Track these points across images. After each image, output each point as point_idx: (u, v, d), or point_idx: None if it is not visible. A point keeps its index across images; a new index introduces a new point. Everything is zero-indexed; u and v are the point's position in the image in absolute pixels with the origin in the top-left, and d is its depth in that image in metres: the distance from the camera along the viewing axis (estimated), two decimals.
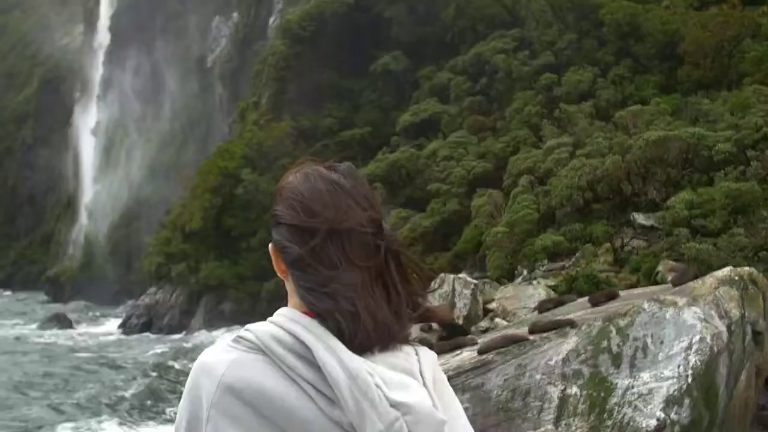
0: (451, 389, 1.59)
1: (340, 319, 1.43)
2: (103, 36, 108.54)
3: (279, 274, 1.60)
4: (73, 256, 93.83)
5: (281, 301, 1.57)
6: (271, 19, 66.23)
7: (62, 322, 50.34)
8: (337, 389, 1.36)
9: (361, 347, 1.43)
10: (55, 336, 44.51)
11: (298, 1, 55.71)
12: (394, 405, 1.37)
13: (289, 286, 1.56)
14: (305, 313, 1.47)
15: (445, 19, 43.19)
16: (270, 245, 1.62)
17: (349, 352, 1.40)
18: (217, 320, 38.07)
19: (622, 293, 12.72)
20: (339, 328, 1.42)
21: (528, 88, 34.48)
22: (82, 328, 49.58)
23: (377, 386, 1.37)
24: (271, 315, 1.51)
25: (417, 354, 1.53)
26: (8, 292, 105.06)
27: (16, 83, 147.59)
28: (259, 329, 1.46)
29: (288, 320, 1.46)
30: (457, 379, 10.41)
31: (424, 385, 1.47)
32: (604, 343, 9.51)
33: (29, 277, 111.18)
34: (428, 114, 37.46)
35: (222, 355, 1.46)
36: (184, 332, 39.36)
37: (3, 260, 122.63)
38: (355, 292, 1.44)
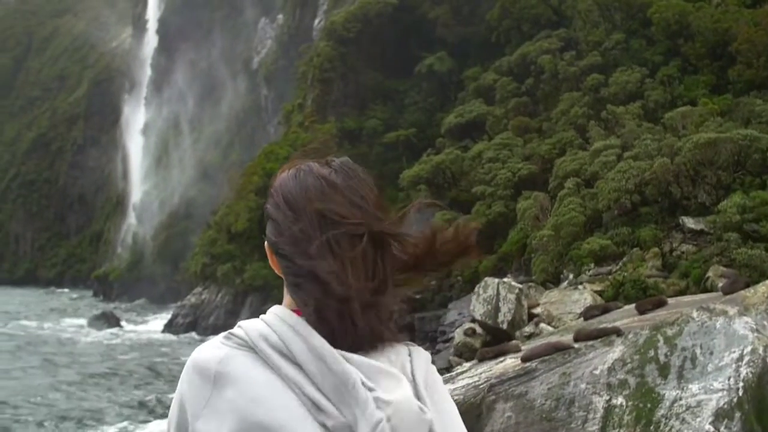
0: (444, 390, 1.56)
1: (325, 317, 1.42)
2: (150, 38, 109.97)
3: (276, 271, 1.60)
4: (121, 256, 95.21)
5: None
6: (316, 21, 66.45)
7: (110, 320, 51.12)
8: (323, 390, 1.36)
9: (347, 346, 1.41)
10: (103, 334, 45.17)
11: (342, 3, 55.87)
12: (381, 405, 1.35)
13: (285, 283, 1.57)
14: (295, 311, 1.48)
15: (490, 20, 42.88)
16: (266, 242, 1.61)
17: (334, 352, 1.38)
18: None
19: (670, 300, 12.43)
20: (324, 326, 1.42)
21: (574, 89, 34.04)
22: (129, 327, 50.28)
23: (364, 386, 1.36)
24: None
25: (410, 354, 1.52)
26: (58, 290, 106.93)
27: (67, 85, 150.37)
28: (250, 326, 1.46)
29: (277, 318, 1.45)
30: (500, 387, 10.28)
31: (415, 385, 1.45)
32: (651, 353, 9.28)
33: (79, 276, 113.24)
34: (473, 115, 37.20)
35: (213, 351, 1.45)
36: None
37: (53, 258, 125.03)
38: (341, 287, 1.42)
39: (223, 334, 1.49)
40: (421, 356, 1.54)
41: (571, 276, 21.58)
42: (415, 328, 28.06)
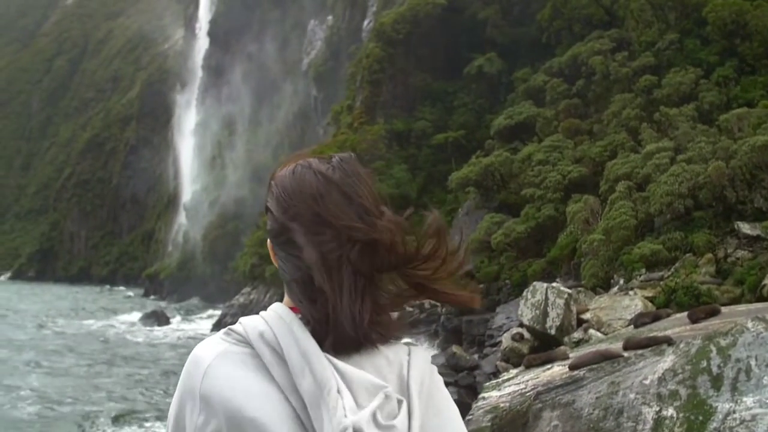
0: (445, 393, 1.54)
1: (316, 317, 1.43)
2: (202, 40, 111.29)
3: (276, 265, 1.60)
4: (171, 255, 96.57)
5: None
6: (365, 22, 66.58)
7: (160, 319, 51.86)
8: (301, 390, 1.36)
9: (339, 347, 1.41)
10: (152, 332, 45.73)
11: (392, 4, 55.90)
12: (349, 414, 1.32)
13: None
14: (293, 308, 1.48)
15: (541, 20, 42.46)
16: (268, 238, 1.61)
17: (321, 356, 1.38)
18: None
19: (724, 309, 12.13)
20: (316, 325, 1.42)
21: (626, 91, 33.48)
22: (178, 326, 50.85)
23: (339, 394, 1.34)
24: None
25: (409, 355, 1.51)
26: (111, 288, 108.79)
27: (120, 86, 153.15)
28: (249, 323, 1.47)
29: (275, 316, 1.46)
30: (546, 395, 10.14)
31: (409, 387, 1.44)
32: (704, 364, 9.05)
33: (130, 274, 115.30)
34: (523, 117, 36.84)
35: (212, 347, 1.47)
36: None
37: (106, 257, 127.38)
38: (330, 288, 1.41)
39: (223, 329, 1.50)
40: (420, 357, 1.52)
41: (621, 281, 21.20)
42: (462, 331, 27.93)
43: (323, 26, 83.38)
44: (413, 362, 1.49)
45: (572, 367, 10.21)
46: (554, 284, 19.55)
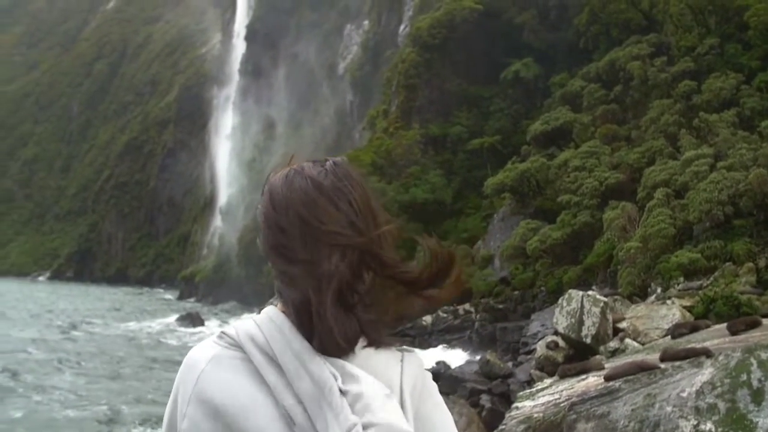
0: (438, 399, 1.53)
1: (305, 322, 1.41)
2: (239, 45, 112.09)
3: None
4: (207, 257, 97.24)
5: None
6: (401, 27, 66.60)
7: (195, 320, 52.23)
8: (299, 393, 1.35)
9: (331, 350, 1.40)
10: (186, 335, 46.01)
11: (428, 9, 55.81)
12: (356, 412, 1.32)
13: None
14: (284, 311, 1.48)
15: (578, 25, 42.17)
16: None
17: (314, 356, 1.38)
18: None
19: (765, 321, 11.86)
20: (306, 330, 1.41)
21: (665, 96, 33.07)
22: (213, 328, 51.07)
23: (342, 393, 1.34)
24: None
25: (402, 359, 1.50)
26: (149, 289, 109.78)
27: (158, 90, 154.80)
28: (241, 327, 1.47)
29: (267, 319, 1.46)
30: (581, 405, 9.98)
31: (401, 392, 1.44)
32: (744, 377, 8.83)
33: (166, 275, 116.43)
34: (560, 122, 36.55)
35: (205, 351, 1.47)
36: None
37: (143, 258, 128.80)
38: (314, 295, 1.40)
39: (217, 333, 1.50)
40: (413, 362, 1.52)
41: (659, 290, 20.89)
42: (496, 338, 27.75)
43: (360, 31, 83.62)
44: (406, 369, 1.48)
45: (608, 378, 10.05)
46: (590, 292, 19.28)
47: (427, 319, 32.00)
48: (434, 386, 1.55)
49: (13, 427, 19.46)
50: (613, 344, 16.45)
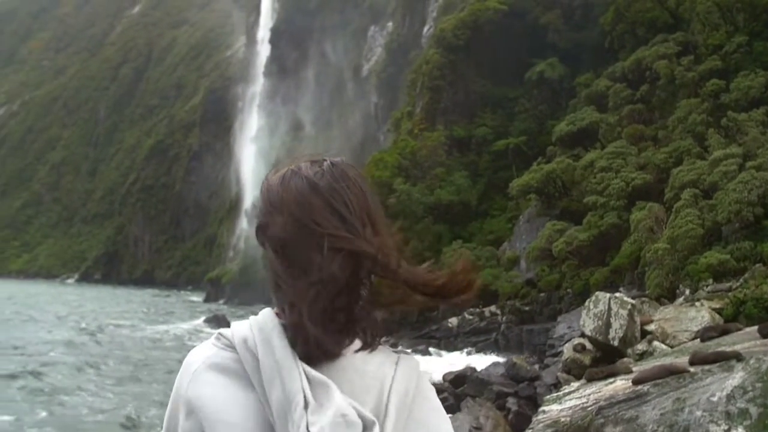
0: (435, 404, 1.49)
1: (295, 325, 1.39)
2: (263, 48, 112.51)
3: None
4: (233, 259, 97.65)
5: (432, 310, 1.39)
6: (426, 28, 66.55)
7: (221, 323, 52.35)
8: (272, 405, 1.34)
9: (305, 358, 1.38)
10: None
11: (452, 10, 55.72)
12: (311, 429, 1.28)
13: None
14: (278, 314, 1.46)
15: (603, 24, 41.89)
16: None
17: (293, 368, 1.35)
18: None
19: None
20: (297, 333, 1.39)
21: (692, 95, 32.75)
22: None
23: (305, 410, 1.30)
24: (421, 325, 1.36)
25: (397, 363, 1.47)
26: (174, 291, 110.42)
27: (183, 94, 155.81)
28: (236, 328, 1.47)
29: (261, 322, 1.44)
30: (609, 410, 9.85)
31: (389, 396, 1.40)
32: None
33: (193, 277, 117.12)
34: (585, 123, 36.32)
35: (202, 352, 1.48)
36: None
37: (169, 261, 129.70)
38: (304, 296, 1.39)
39: (215, 334, 1.50)
40: (408, 366, 1.48)
41: (687, 292, 20.65)
42: (522, 341, 27.62)
43: (384, 32, 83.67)
44: (398, 374, 1.44)
45: (636, 382, 9.93)
46: (617, 294, 19.10)
47: (453, 321, 31.91)
48: (431, 390, 1.51)
49: (38, 428, 19.61)
50: (641, 347, 16.27)
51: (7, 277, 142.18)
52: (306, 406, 1.31)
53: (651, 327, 17.17)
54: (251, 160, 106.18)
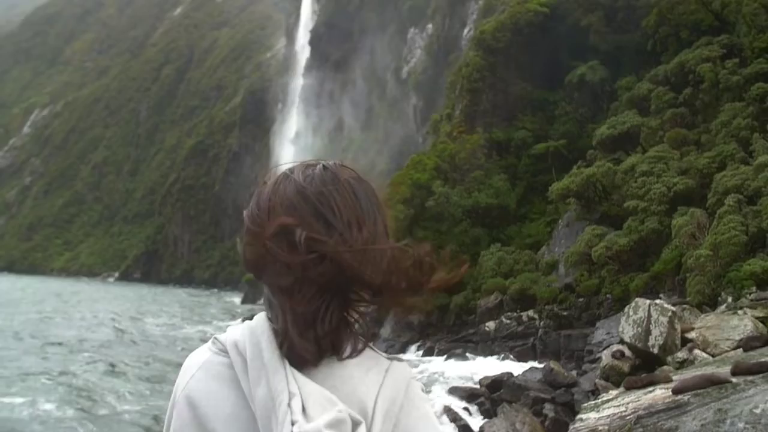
0: (424, 411, 1.46)
1: (282, 329, 1.40)
2: (303, 49, 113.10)
3: None
4: None
5: (469, 314, 1.35)
6: (465, 30, 66.38)
7: None
8: (257, 404, 1.35)
9: (292, 362, 1.38)
10: None
11: (492, 12, 55.48)
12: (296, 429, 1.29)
13: None
14: (271, 319, 1.47)
15: (646, 26, 41.39)
16: None
17: (280, 368, 1.36)
18: (405, 331, 38.09)
19: None
20: (284, 338, 1.40)
21: (737, 99, 32.22)
22: None
23: (290, 407, 1.30)
24: (458, 329, 1.32)
25: (387, 369, 1.46)
26: (214, 291, 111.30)
27: (224, 95, 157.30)
28: (230, 332, 1.49)
29: (253, 326, 1.45)
30: (648, 419, 9.70)
31: (374, 408, 1.38)
32: None
33: (231, 278, 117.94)
34: (626, 127, 35.90)
35: (198, 355, 1.51)
36: (371, 343, 39.55)
37: (208, 260, 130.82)
38: (283, 303, 1.40)
39: (212, 338, 1.52)
40: (398, 373, 1.47)
41: (729, 299, 20.30)
42: (560, 346, 27.37)
43: (423, 35, 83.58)
44: (387, 381, 1.43)
45: (676, 391, 9.77)
46: (658, 301, 18.83)
47: (490, 325, 31.74)
48: (422, 398, 1.49)
49: (74, 423, 19.86)
50: (682, 355, 16.02)
51: (49, 275, 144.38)
52: (290, 404, 1.31)
53: (692, 335, 16.91)
54: (290, 162, 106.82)
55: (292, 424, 1.29)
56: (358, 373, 1.42)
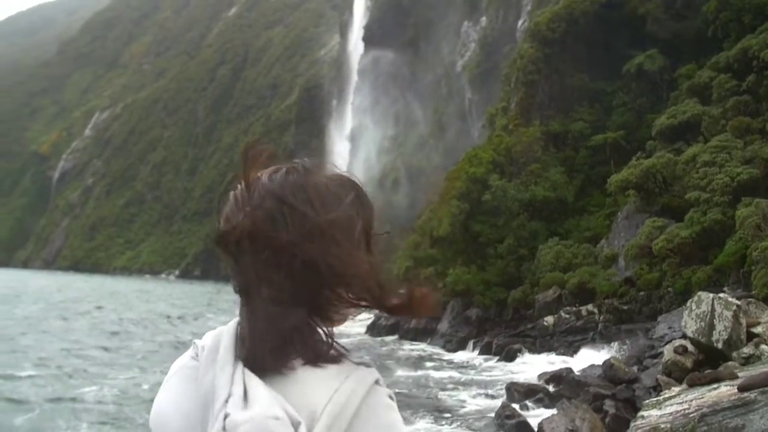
0: (386, 419, 1.36)
1: (242, 329, 1.38)
2: (357, 46, 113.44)
3: None
4: None
5: (527, 309, 1.21)
6: (520, 22, 65.74)
7: None
8: (201, 398, 1.33)
9: (253, 366, 1.33)
10: None
11: (547, 2, 54.88)
12: (228, 425, 1.23)
13: None
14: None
15: (706, 12, 40.38)
16: None
17: (228, 366, 1.32)
18: (463, 326, 37.85)
19: None
20: (244, 339, 1.37)
21: None
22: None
23: (226, 402, 1.26)
24: (516, 323, 1.17)
25: (347, 376, 1.36)
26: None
27: (279, 93, 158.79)
28: (206, 335, 1.46)
29: (223, 329, 1.43)
30: (712, 417, 9.38)
31: (323, 412, 1.30)
32: None
33: None
34: (687, 116, 35.11)
35: (178, 361, 1.49)
36: (429, 338, 39.46)
37: None
38: (244, 304, 1.39)
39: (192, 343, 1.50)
40: (357, 379, 1.36)
41: None
42: (621, 340, 26.87)
43: (477, 27, 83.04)
44: (344, 386, 1.34)
45: (742, 389, 9.44)
46: (721, 294, 18.30)
47: (549, 320, 31.37)
48: (386, 406, 1.38)
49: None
50: (747, 350, 15.53)
51: (112, 274, 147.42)
52: (228, 400, 1.26)
53: (758, 329, 16.41)
54: (346, 159, 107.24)
55: (225, 417, 1.24)
56: (315, 379, 1.35)
